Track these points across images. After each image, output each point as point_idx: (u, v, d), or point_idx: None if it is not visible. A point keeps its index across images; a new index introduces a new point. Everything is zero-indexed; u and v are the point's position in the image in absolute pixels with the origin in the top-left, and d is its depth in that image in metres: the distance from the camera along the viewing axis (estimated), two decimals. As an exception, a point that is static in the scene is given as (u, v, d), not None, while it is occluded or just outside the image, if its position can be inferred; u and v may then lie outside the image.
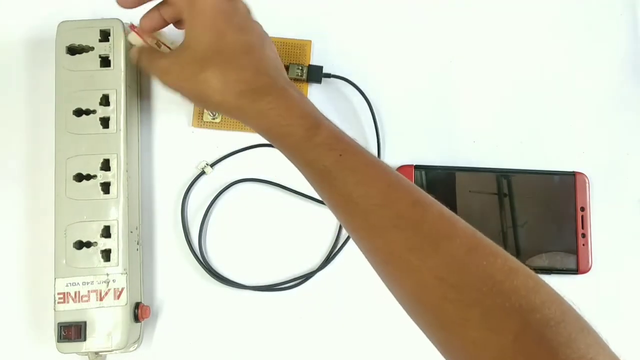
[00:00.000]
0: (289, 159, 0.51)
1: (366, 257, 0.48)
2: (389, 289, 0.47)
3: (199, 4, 0.52)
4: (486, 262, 0.42)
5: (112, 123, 0.62)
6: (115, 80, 0.62)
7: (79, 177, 0.61)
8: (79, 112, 0.62)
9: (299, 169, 0.51)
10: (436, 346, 0.44)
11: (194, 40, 0.52)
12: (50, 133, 0.62)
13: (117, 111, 0.62)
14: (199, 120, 0.68)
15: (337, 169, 0.47)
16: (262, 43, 0.54)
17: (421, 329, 0.45)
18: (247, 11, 0.55)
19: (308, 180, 0.50)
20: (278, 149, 0.52)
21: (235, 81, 0.51)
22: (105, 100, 0.62)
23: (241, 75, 0.51)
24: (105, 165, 0.61)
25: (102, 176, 0.61)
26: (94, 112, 0.61)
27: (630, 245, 0.69)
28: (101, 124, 0.62)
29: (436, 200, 0.47)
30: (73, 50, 0.62)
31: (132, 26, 0.57)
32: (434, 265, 0.43)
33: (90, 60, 0.62)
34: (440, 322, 0.43)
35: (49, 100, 0.63)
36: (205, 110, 0.68)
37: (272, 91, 0.50)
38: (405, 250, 0.44)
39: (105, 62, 0.63)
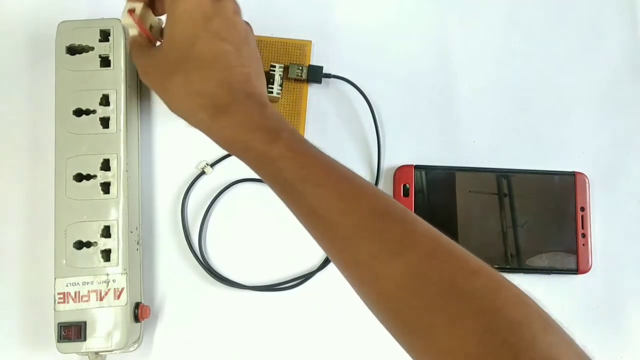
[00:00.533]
0: (254, 171, 0.51)
1: (335, 265, 0.48)
2: (357, 295, 0.47)
3: (180, 4, 0.51)
4: (446, 266, 0.42)
5: (112, 123, 0.61)
6: (115, 80, 0.62)
7: (79, 177, 0.61)
8: (79, 112, 0.61)
9: (264, 181, 0.50)
10: (405, 350, 0.44)
11: (168, 42, 0.52)
12: (50, 133, 0.62)
13: (117, 111, 0.61)
14: (199, 120, 0.68)
15: (298, 181, 0.47)
16: (237, 50, 0.52)
17: (389, 332, 0.45)
18: (234, 12, 0.54)
19: (274, 192, 0.50)
20: (243, 162, 0.51)
21: (196, 94, 0.50)
22: (105, 100, 0.62)
23: (203, 88, 0.50)
24: (105, 165, 0.61)
25: (102, 176, 0.61)
26: (94, 112, 0.61)
27: (630, 245, 0.69)
28: (101, 124, 0.61)
29: (399, 206, 0.47)
30: (73, 50, 0.62)
31: (130, 12, 0.56)
32: (394, 273, 0.43)
33: (90, 60, 0.62)
34: (405, 328, 0.43)
35: (49, 100, 0.63)
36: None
37: (230, 108, 0.50)
38: (366, 258, 0.44)
39: (105, 62, 0.62)
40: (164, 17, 0.57)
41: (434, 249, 0.43)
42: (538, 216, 0.68)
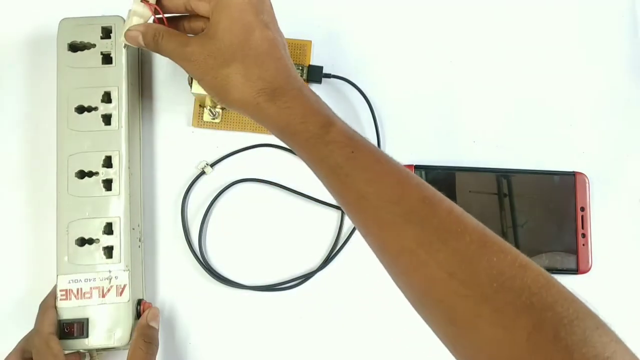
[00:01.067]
0: (300, 155, 0.51)
1: (375, 253, 0.48)
2: (398, 285, 0.47)
3: None
4: (497, 258, 0.42)
5: (114, 120, 0.61)
6: (117, 77, 0.62)
7: (81, 174, 0.61)
8: (80, 109, 0.61)
9: (310, 165, 0.51)
10: (445, 342, 0.44)
11: (220, 31, 0.52)
12: (52, 130, 0.61)
13: (118, 108, 0.61)
14: (199, 120, 0.68)
15: (349, 165, 0.48)
16: (283, 44, 0.54)
17: (430, 325, 0.45)
18: (271, 6, 0.55)
19: (319, 177, 0.51)
20: (290, 146, 0.52)
21: (256, 79, 0.51)
22: (107, 97, 0.62)
23: (263, 74, 0.51)
24: (107, 162, 0.61)
25: (104, 173, 0.60)
26: (95, 109, 0.61)
27: (630, 245, 0.69)
28: (103, 121, 0.61)
29: (446, 197, 0.47)
30: (74, 47, 0.62)
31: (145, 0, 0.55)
32: (444, 260, 0.43)
33: (91, 57, 0.62)
34: (450, 318, 0.43)
35: (50, 98, 0.62)
36: (205, 110, 0.68)
37: (289, 91, 0.51)
38: (415, 245, 0.44)
39: (106, 59, 0.62)
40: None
41: (483, 239, 0.43)
42: (538, 216, 0.68)
